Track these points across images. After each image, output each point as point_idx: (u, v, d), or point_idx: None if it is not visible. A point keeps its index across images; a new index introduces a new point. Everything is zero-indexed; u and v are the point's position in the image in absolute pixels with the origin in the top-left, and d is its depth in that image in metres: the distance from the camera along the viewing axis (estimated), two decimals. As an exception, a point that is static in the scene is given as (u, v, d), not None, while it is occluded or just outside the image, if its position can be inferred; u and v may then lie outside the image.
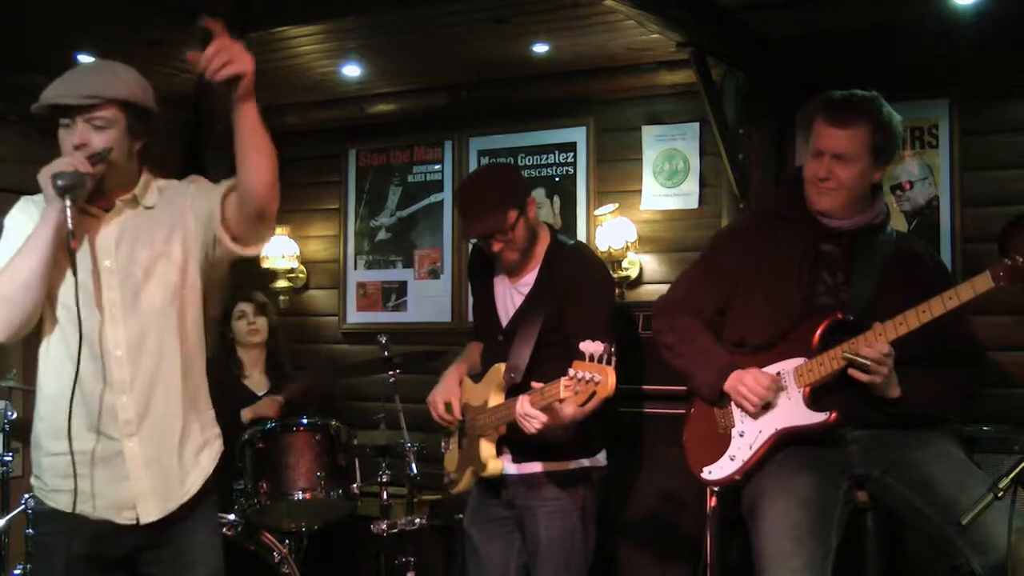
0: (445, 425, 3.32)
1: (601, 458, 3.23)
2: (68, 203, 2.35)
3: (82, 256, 2.48)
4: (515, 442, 3.12)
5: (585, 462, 3.16)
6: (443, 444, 3.44)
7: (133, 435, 2.50)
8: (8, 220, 2.55)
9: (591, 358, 2.67)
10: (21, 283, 2.40)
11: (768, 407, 2.84)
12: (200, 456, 2.63)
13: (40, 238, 2.41)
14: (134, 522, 2.51)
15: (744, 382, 2.84)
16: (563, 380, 2.73)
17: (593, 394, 2.68)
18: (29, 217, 2.50)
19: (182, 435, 2.58)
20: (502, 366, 3.11)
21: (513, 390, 3.07)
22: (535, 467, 3.13)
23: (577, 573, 3.13)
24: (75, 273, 2.37)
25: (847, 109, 2.83)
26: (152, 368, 2.53)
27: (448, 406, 3.27)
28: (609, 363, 2.65)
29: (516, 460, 3.13)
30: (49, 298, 2.48)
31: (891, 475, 2.82)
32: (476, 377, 3.30)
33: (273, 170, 2.46)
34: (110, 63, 2.56)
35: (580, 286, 3.10)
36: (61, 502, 2.50)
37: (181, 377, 2.59)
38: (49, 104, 2.44)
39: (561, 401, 2.77)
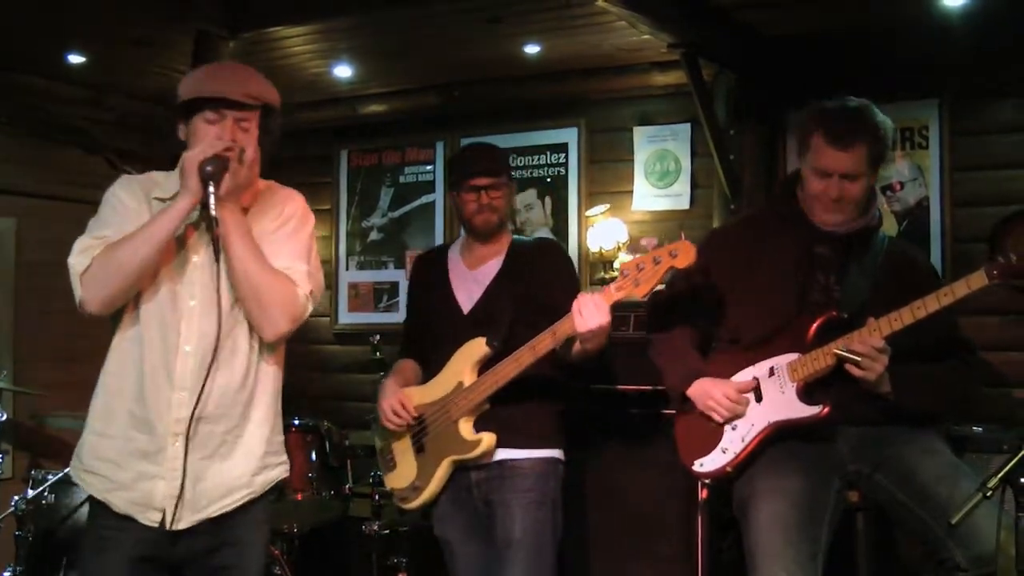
0: (397, 427, 3.25)
1: (562, 453, 3.25)
2: (212, 190, 2.31)
3: (175, 249, 2.42)
4: (498, 421, 3.10)
5: (557, 452, 3.19)
6: (385, 462, 3.35)
7: (181, 435, 2.35)
8: (110, 196, 2.47)
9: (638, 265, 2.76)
10: (139, 262, 2.33)
11: (737, 417, 2.89)
12: (256, 478, 2.47)
13: (169, 221, 2.34)
14: (156, 525, 2.36)
15: (712, 396, 2.91)
16: (614, 284, 2.80)
17: (671, 268, 2.76)
18: (131, 195, 2.45)
19: (237, 448, 2.44)
20: (478, 341, 3.10)
21: (491, 362, 3.06)
22: (511, 453, 3.12)
23: (548, 562, 3.13)
24: (217, 260, 2.33)
25: (848, 130, 2.83)
26: (217, 371, 2.38)
27: (402, 406, 3.22)
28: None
29: (497, 444, 3.12)
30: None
31: (880, 472, 2.84)
32: (426, 378, 3.28)
33: (288, 320, 2.45)
34: (247, 66, 2.56)
35: (555, 265, 3.25)
36: (90, 484, 2.41)
37: (251, 387, 2.46)
38: (205, 96, 2.39)
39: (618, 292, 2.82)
